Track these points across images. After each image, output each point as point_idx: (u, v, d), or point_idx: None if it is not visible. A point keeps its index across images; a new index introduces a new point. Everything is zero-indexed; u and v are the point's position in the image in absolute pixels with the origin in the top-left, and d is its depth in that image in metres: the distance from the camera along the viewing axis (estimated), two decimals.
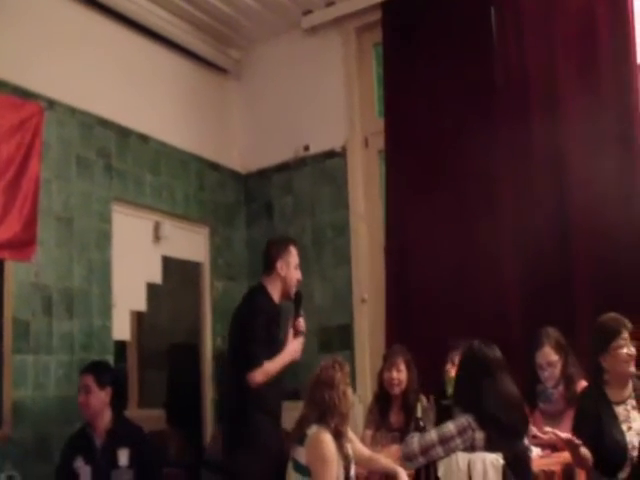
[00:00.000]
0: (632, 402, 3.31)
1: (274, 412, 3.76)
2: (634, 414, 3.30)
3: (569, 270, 4.54)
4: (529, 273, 4.65)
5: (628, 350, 3.31)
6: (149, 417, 5.51)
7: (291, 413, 3.82)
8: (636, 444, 3.18)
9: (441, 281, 4.93)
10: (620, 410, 3.31)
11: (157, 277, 5.31)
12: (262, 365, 3.61)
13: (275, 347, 3.74)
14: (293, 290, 3.93)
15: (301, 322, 3.91)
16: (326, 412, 3.20)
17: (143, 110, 5.27)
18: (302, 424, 3.24)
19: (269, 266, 3.90)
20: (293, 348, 3.82)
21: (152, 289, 5.24)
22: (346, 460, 3.23)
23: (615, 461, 3.20)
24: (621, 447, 3.20)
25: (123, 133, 5.08)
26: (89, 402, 3.80)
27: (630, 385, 3.36)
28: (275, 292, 3.87)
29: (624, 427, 3.26)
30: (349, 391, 3.32)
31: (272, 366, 3.66)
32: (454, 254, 4.91)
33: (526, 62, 4.87)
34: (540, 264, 4.62)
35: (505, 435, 2.97)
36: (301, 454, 3.18)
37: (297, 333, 3.87)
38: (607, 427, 3.27)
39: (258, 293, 3.88)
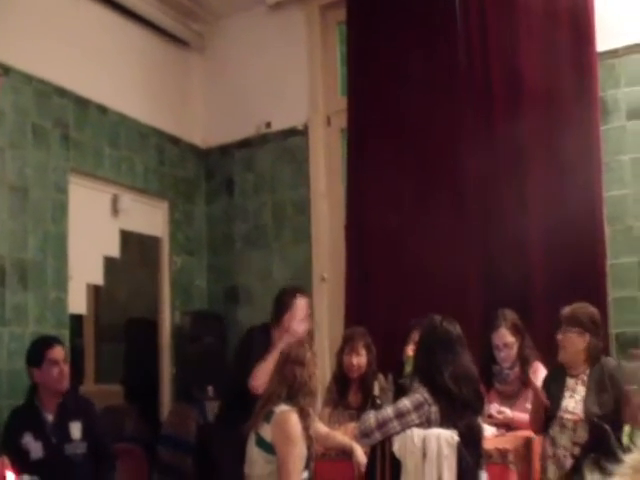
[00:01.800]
0: (584, 377, 3.42)
1: None
2: (580, 388, 3.41)
3: (527, 254, 4.59)
4: (488, 255, 4.69)
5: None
6: (106, 392, 5.48)
7: None
8: (570, 408, 3.34)
9: (401, 261, 4.95)
10: (571, 382, 3.44)
11: (115, 251, 5.24)
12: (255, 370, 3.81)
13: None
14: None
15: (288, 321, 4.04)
16: (297, 390, 3.20)
17: (103, 81, 5.17)
18: (270, 401, 3.24)
19: (276, 318, 4.10)
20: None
21: (109, 263, 5.18)
22: (310, 440, 3.24)
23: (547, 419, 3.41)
24: (554, 407, 3.39)
25: (81, 103, 4.98)
26: (68, 373, 3.76)
27: (586, 365, 3.46)
28: (278, 342, 3.96)
29: (567, 394, 3.40)
30: (317, 372, 3.34)
31: (264, 365, 3.79)
32: (415, 235, 4.92)
33: (488, 45, 4.88)
34: (500, 247, 4.66)
35: (459, 409, 3.01)
36: (266, 431, 3.18)
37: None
38: (550, 391, 3.46)
39: (260, 332, 4.12)
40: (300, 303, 4.11)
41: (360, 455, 3.35)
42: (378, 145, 5.21)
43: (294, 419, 3.16)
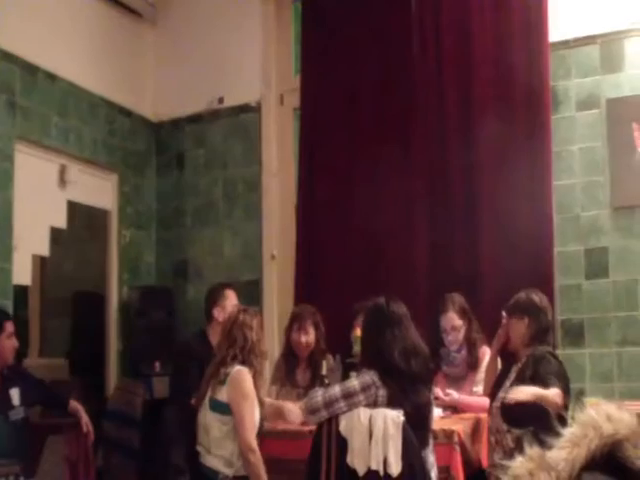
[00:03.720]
0: (519, 365, 3.45)
1: None
2: (512, 375, 3.47)
3: (476, 240, 4.66)
4: (437, 240, 4.75)
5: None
6: (51, 366, 5.39)
7: None
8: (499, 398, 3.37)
9: (351, 241, 4.99)
10: (514, 369, 3.48)
11: (62, 222, 5.13)
12: None
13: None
14: None
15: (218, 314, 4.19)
16: (249, 351, 3.30)
17: (53, 48, 5.03)
18: (223, 364, 3.29)
19: (207, 315, 4.22)
20: None
21: (56, 234, 5.08)
22: (260, 404, 3.31)
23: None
24: (492, 398, 3.47)
25: (29, 70, 4.84)
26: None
27: (528, 350, 3.47)
28: (215, 338, 3.93)
29: (507, 382, 3.44)
30: (263, 336, 3.48)
31: None
32: (365, 215, 4.96)
33: (441, 32, 4.91)
34: (449, 232, 4.72)
35: (409, 385, 3.04)
36: (222, 393, 3.24)
37: None
38: (496, 382, 3.55)
39: (197, 339, 4.23)
40: (227, 295, 4.22)
41: (292, 408, 3.44)
42: (330, 125, 5.22)
43: (249, 377, 3.25)
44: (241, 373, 3.26)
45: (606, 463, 1.16)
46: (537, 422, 3.06)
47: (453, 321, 4.01)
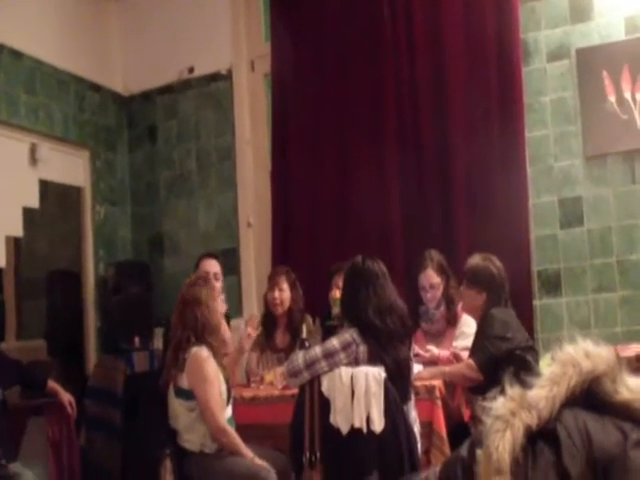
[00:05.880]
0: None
1: None
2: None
3: (450, 195, 4.64)
4: (412, 200, 4.73)
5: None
6: (29, 348, 5.34)
7: None
8: None
9: (326, 206, 4.97)
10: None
11: (34, 201, 5.07)
12: None
13: None
14: None
15: None
16: (202, 330, 3.21)
17: (16, 25, 4.95)
18: (179, 348, 3.22)
19: None
20: None
21: (29, 214, 5.02)
22: (226, 375, 3.26)
23: None
24: None
25: None
26: None
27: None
28: None
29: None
30: (215, 305, 3.34)
31: None
32: (339, 179, 4.95)
33: None
34: (423, 191, 4.71)
35: (386, 344, 3.04)
36: (183, 380, 3.18)
37: None
38: None
39: None
40: (203, 264, 4.16)
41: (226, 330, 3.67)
42: (301, 90, 5.18)
43: (206, 357, 3.17)
44: (198, 357, 3.18)
45: (586, 399, 1.17)
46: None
47: (432, 278, 4.01)
